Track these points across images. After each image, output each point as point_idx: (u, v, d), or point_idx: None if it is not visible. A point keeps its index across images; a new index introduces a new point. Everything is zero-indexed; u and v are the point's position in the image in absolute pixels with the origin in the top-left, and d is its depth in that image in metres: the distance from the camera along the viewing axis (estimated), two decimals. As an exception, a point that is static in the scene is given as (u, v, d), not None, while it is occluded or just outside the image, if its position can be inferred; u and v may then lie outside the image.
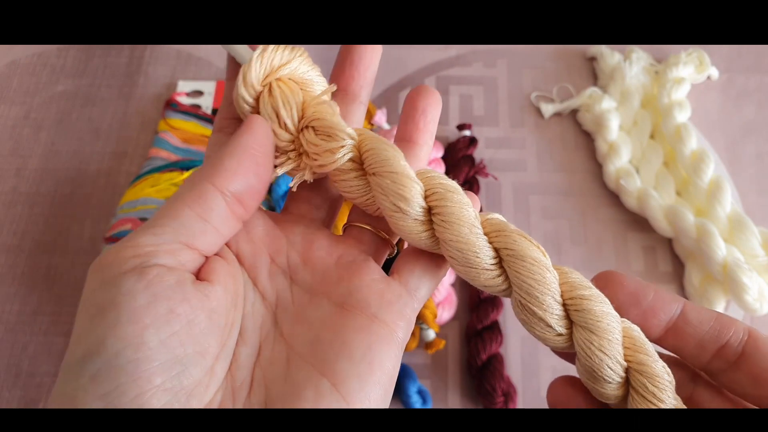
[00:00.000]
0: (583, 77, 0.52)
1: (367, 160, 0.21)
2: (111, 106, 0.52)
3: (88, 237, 0.46)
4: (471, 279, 0.21)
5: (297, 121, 0.22)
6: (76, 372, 0.18)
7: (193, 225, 0.20)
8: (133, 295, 0.18)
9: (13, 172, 0.49)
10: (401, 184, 0.20)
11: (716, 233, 0.41)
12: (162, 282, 0.19)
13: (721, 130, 0.49)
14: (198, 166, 0.45)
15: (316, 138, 0.21)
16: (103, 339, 0.18)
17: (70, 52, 0.54)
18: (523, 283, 0.20)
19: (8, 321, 0.43)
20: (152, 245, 0.19)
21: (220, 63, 0.53)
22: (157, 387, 0.18)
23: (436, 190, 0.21)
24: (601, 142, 0.48)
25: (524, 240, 0.20)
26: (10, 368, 0.42)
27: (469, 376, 0.41)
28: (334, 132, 0.21)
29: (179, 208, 0.20)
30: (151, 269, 0.19)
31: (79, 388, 0.18)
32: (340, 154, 0.21)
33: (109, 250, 0.20)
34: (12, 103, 0.52)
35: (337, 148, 0.21)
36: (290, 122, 0.21)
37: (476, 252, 0.20)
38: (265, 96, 0.22)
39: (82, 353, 0.18)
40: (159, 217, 0.20)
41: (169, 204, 0.21)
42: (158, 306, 0.18)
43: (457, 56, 0.53)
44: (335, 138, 0.21)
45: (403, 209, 0.20)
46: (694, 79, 0.50)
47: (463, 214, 0.20)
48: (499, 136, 0.50)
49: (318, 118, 0.21)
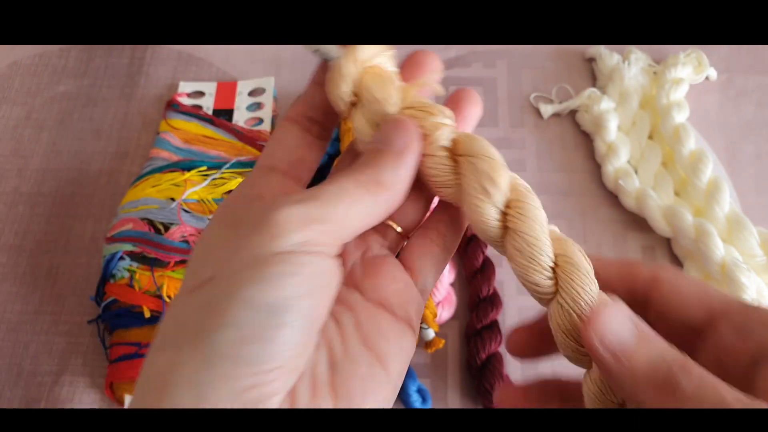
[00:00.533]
0: (582, 78, 0.52)
1: (462, 143, 0.22)
2: (112, 107, 0.52)
3: (90, 237, 0.46)
4: (524, 274, 0.22)
5: (399, 105, 0.23)
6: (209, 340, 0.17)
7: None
8: (301, 272, 0.19)
9: (15, 172, 0.49)
10: (495, 169, 0.21)
11: (714, 233, 0.41)
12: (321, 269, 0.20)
13: (720, 130, 0.50)
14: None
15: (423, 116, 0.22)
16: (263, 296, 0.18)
17: (72, 53, 0.55)
18: (573, 290, 0.21)
19: (10, 320, 0.43)
20: (319, 233, 0.20)
21: (220, 64, 0.54)
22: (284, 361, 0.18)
23: (519, 187, 0.22)
24: (599, 143, 0.48)
25: (579, 251, 0.21)
26: (12, 367, 0.42)
27: (469, 376, 0.41)
28: (437, 111, 0.22)
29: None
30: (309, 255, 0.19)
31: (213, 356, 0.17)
32: (445, 131, 0.22)
33: (288, 210, 0.19)
34: (14, 104, 0.52)
35: (441, 124, 0.22)
36: (394, 106, 0.22)
37: (542, 249, 0.21)
38: (366, 82, 0.23)
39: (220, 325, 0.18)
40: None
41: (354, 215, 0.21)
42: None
43: (456, 57, 0.53)
44: (438, 117, 0.22)
45: (490, 193, 0.21)
46: (692, 80, 0.50)
47: (539, 213, 0.22)
48: (499, 136, 0.50)
49: (419, 101, 0.23)
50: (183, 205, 0.43)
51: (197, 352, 0.17)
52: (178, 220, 0.42)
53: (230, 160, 0.46)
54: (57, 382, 0.41)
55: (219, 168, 0.45)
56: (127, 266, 0.40)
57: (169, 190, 0.44)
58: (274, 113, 0.51)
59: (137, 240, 0.41)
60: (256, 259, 0.18)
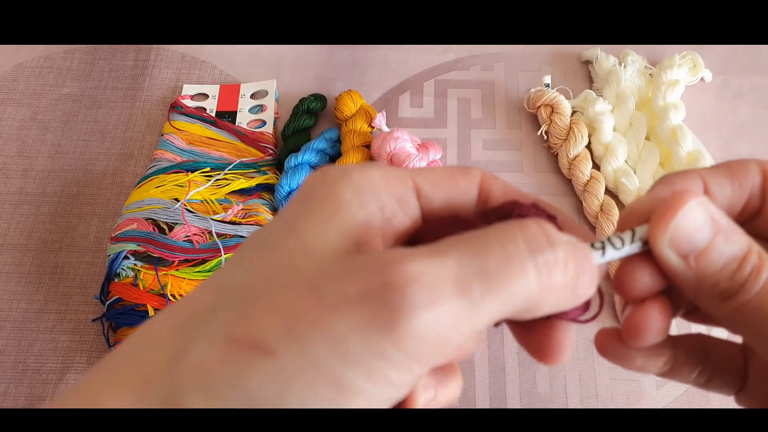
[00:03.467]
0: (578, 80, 0.53)
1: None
2: (117, 108, 0.53)
3: (94, 236, 0.47)
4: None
5: None
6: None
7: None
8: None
9: (20, 172, 0.50)
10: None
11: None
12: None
13: (715, 131, 0.50)
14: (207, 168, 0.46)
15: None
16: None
17: (76, 55, 0.55)
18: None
19: (15, 319, 0.44)
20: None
21: (223, 67, 0.54)
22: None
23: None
24: (596, 144, 0.48)
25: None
26: (17, 365, 0.42)
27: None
28: None
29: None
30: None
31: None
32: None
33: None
34: (19, 105, 0.53)
35: None
36: None
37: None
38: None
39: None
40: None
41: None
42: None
43: (455, 60, 0.54)
44: None
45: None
46: (688, 81, 0.51)
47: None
48: (496, 138, 0.51)
49: None
50: (187, 205, 0.44)
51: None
52: (182, 220, 0.42)
53: (233, 161, 0.47)
54: (61, 380, 0.42)
55: (222, 169, 0.46)
56: (132, 265, 0.40)
57: (173, 190, 0.44)
58: (276, 115, 0.51)
59: (141, 239, 0.41)
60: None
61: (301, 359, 0.14)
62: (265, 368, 0.14)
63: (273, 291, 0.15)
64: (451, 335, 0.14)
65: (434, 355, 0.15)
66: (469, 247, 0.15)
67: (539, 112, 0.50)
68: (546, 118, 0.49)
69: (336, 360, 0.14)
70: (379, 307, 0.14)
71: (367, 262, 0.15)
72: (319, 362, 0.14)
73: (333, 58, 0.54)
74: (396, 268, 0.14)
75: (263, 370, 0.14)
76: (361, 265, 0.15)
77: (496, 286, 0.15)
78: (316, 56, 0.54)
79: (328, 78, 0.53)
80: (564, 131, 0.48)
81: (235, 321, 0.15)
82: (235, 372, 0.14)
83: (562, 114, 0.49)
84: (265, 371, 0.14)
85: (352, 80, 0.53)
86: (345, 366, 0.14)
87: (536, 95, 0.50)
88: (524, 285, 0.15)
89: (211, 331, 0.15)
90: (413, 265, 0.14)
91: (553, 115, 0.49)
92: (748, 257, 0.18)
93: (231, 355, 0.14)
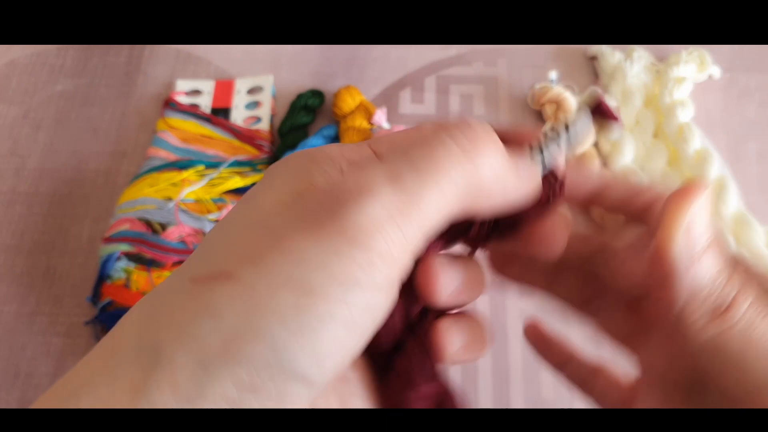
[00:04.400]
0: (584, 76, 0.52)
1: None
2: (110, 106, 0.52)
3: (87, 237, 0.46)
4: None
5: None
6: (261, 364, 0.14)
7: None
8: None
9: (12, 171, 0.49)
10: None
11: (724, 230, 0.41)
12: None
13: (722, 129, 0.49)
14: (197, 166, 0.45)
15: None
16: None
17: (69, 52, 0.54)
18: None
19: (6, 321, 0.43)
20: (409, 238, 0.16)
21: (219, 62, 0.53)
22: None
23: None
24: (603, 142, 0.47)
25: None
26: (9, 369, 0.41)
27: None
28: None
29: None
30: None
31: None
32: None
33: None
34: (11, 103, 0.52)
35: None
36: None
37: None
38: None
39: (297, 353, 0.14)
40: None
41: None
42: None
43: (457, 55, 0.53)
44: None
45: None
46: (695, 78, 0.50)
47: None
48: (500, 135, 0.50)
49: None
50: (180, 204, 0.43)
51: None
52: (175, 220, 0.41)
53: (228, 159, 0.46)
54: (54, 383, 0.41)
55: (217, 167, 0.45)
56: (124, 267, 0.40)
57: (166, 189, 0.43)
58: (273, 112, 0.50)
59: (134, 240, 0.40)
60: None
61: (264, 275, 0.15)
62: (231, 290, 0.14)
63: (229, 237, 0.16)
64: (401, 228, 0.15)
65: (391, 247, 0.15)
66: (399, 150, 0.17)
67: (544, 108, 0.49)
68: (551, 115, 0.48)
69: (296, 267, 0.15)
70: (323, 210, 0.15)
71: (314, 191, 0.16)
72: (281, 274, 0.15)
73: (331, 54, 0.53)
74: (336, 182, 0.16)
75: (229, 292, 0.14)
76: (308, 194, 0.16)
77: (425, 173, 0.16)
78: (314, 52, 0.53)
79: (327, 74, 0.52)
80: (569, 128, 0.47)
81: (196, 266, 0.16)
82: (203, 302, 0.15)
83: (568, 111, 0.47)
84: (231, 292, 0.14)
85: (351, 76, 0.52)
86: (306, 270, 0.15)
87: (540, 91, 0.49)
88: (453, 164, 0.16)
89: (177, 283, 0.16)
90: (349, 175, 0.16)
91: (558, 112, 0.48)
92: (736, 271, 0.17)
93: (196, 290, 0.15)
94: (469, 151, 0.16)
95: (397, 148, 0.17)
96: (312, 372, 0.15)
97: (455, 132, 0.17)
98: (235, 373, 0.14)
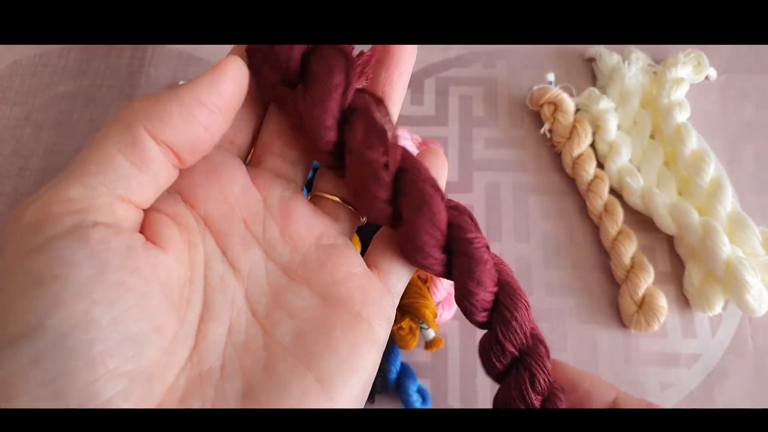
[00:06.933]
0: (582, 78, 0.52)
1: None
2: (112, 107, 0.52)
3: (90, 237, 0.46)
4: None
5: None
6: (10, 354, 0.15)
7: (129, 175, 0.17)
8: (78, 265, 0.16)
9: (15, 172, 0.49)
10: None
11: (721, 231, 0.41)
12: (109, 248, 0.16)
13: (719, 130, 0.50)
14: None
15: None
16: (43, 317, 0.15)
17: (72, 53, 0.55)
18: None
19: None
20: (86, 199, 0.17)
21: (220, 64, 0.53)
22: (111, 371, 0.15)
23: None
24: (600, 143, 0.48)
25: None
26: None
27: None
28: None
29: (111, 155, 0.17)
30: (93, 231, 0.16)
31: (16, 373, 0.15)
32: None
33: (33, 203, 0.17)
34: (13, 104, 0.52)
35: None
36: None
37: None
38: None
39: (17, 332, 0.15)
40: (86, 163, 0.17)
41: (96, 148, 0.18)
42: (107, 277, 0.16)
43: (456, 57, 0.53)
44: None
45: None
46: (692, 80, 0.50)
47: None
48: (498, 136, 0.50)
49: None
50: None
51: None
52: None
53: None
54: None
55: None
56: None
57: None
58: (274, 113, 0.51)
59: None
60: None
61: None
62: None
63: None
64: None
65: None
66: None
67: (542, 110, 0.49)
68: (549, 116, 0.48)
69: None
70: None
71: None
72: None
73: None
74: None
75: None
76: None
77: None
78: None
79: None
80: (567, 129, 0.48)
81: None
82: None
83: (566, 112, 0.48)
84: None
85: (352, 78, 0.52)
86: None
87: (539, 93, 0.49)
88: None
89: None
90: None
91: (556, 113, 0.48)
92: None
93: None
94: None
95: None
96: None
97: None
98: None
